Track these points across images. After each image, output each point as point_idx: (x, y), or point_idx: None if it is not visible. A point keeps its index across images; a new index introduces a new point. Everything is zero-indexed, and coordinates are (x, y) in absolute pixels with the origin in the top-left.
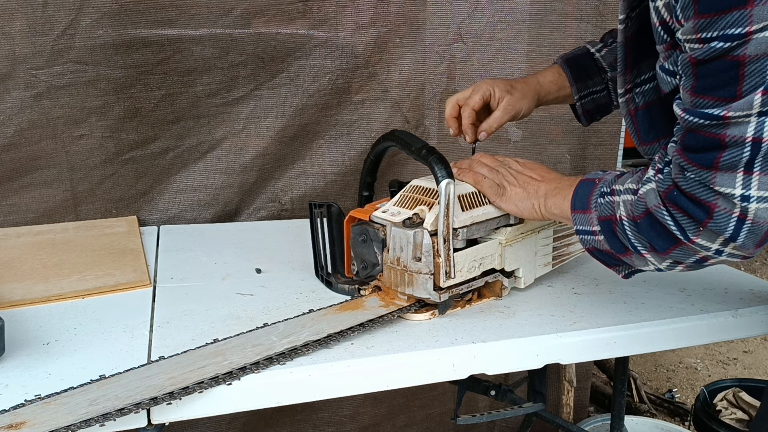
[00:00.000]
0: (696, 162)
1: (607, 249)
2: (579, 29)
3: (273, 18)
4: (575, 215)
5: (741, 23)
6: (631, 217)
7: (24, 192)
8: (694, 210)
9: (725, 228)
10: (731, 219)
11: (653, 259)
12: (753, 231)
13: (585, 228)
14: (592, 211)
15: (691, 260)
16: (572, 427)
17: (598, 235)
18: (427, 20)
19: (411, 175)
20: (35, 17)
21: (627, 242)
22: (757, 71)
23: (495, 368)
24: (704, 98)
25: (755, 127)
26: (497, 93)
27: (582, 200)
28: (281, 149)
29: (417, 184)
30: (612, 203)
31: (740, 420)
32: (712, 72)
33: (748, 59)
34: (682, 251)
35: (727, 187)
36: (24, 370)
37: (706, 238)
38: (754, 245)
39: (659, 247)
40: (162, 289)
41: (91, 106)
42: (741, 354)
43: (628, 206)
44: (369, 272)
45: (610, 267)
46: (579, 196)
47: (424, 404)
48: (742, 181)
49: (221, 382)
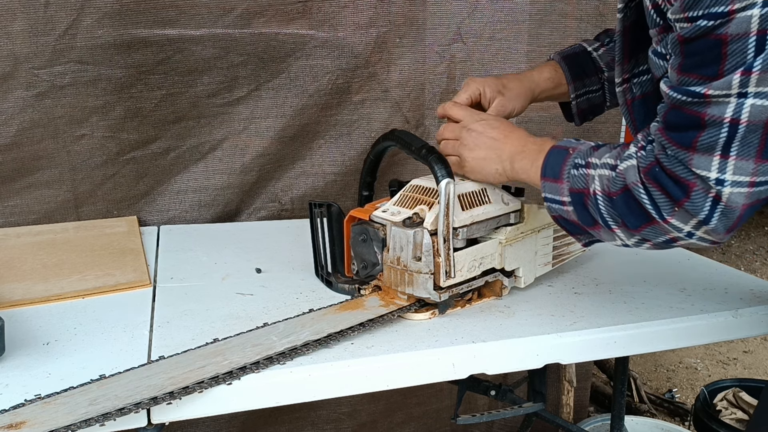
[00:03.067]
0: (676, 141)
1: (574, 220)
2: (579, 29)
3: (273, 18)
4: (545, 182)
5: (724, 2)
6: (607, 193)
7: (25, 193)
8: (673, 188)
9: (700, 209)
10: (707, 200)
11: (622, 234)
12: (726, 214)
13: (554, 197)
14: (564, 181)
15: (661, 240)
16: (572, 427)
17: (567, 206)
18: (427, 20)
19: (411, 175)
20: (36, 17)
21: (598, 216)
22: (739, 51)
23: (495, 368)
24: (689, 76)
25: (734, 108)
26: (488, 93)
27: (554, 168)
28: (281, 149)
29: (417, 184)
30: (586, 176)
31: (740, 420)
32: (697, 50)
33: (730, 38)
34: (654, 230)
35: (703, 169)
36: (24, 370)
37: (680, 218)
38: (725, 230)
39: (631, 224)
40: (162, 289)
41: (92, 106)
42: (741, 354)
43: (605, 181)
44: (369, 272)
45: (572, 235)
46: (550, 163)
47: (421, 401)
48: (718, 164)
49: (221, 382)
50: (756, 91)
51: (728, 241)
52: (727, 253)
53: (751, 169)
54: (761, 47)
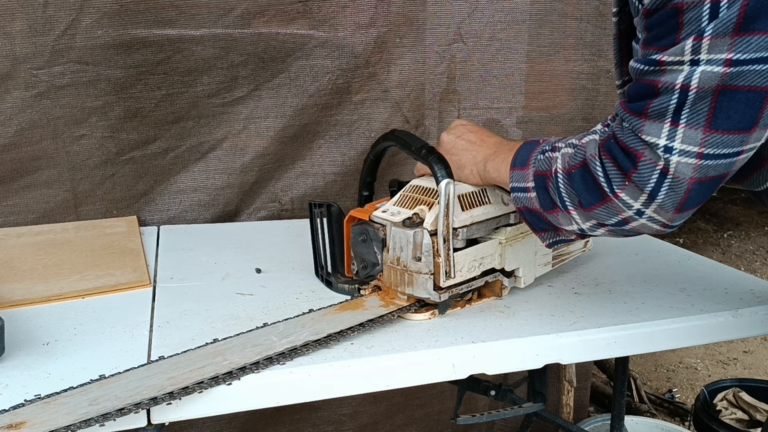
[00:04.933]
0: (631, 110)
1: (536, 208)
2: (579, 29)
3: (273, 18)
4: (513, 172)
5: None
6: (566, 170)
7: (24, 192)
8: (623, 160)
9: (648, 180)
10: (654, 171)
11: (578, 216)
12: (673, 188)
13: (520, 185)
14: (530, 167)
15: (613, 220)
16: (572, 427)
17: (531, 191)
18: (427, 20)
19: (411, 175)
20: (36, 17)
21: (557, 197)
22: (695, 19)
23: (495, 368)
24: (650, 49)
25: (686, 75)
26: None
27: (522, 158)
28: (281, 149)
29: (417, 184)
30: (551, 159)
31: (740, 420)
32: (657, 22)
33: (686, 6)
34: (606, 209)
35: (653, 136)
36: (24, 370)
37: (630, 193)
38: (674, 207)
39: (585, 202)
40: (162, 289)
41: (91, 106)
42: (741, 354)
43: (566, 159)
44: (369, 272)
45: (537, 232)
46: (520, 154)
47: (422, 403)
48: (668, 131)
49: (221, 382)
50: (707, 58)
51: (728, 242)
52: (727, 253)
53: (699, 139)
54: (714, 14)
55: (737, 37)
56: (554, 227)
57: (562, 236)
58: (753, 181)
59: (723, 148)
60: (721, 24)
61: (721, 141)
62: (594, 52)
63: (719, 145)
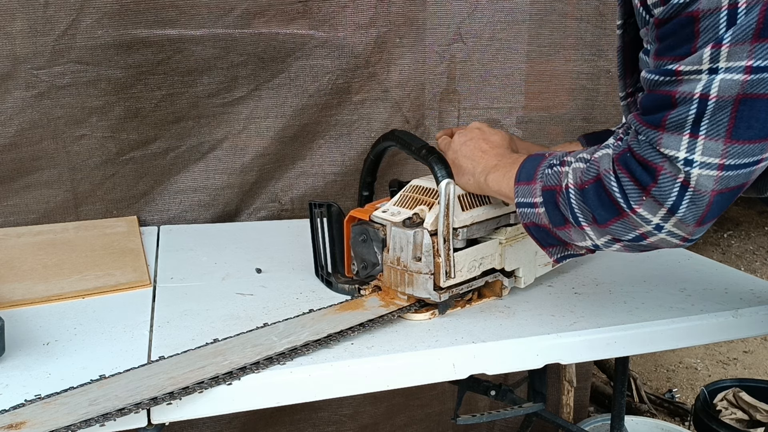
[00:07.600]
0: (647, 122)
1: (545, 224)
2: (579, 29)
3: (273, 18)
4: (518, 187)
5: None
6: (579, 185)
7: (25, 192)
8: (641, 174)
9: (668, 195)
10: (675, 185)
11: (592, 232)
12: (694, 201)
13: (526, 200)
14: (537, 182)
15: (630, 236)
16: (572, 427)
17: (539, 207)
18: (427, 20)
19: (411, 175)
20: (36, 17)
21: (569, 213)
22: (711, 27)
23: (495, 368)
24: (664, 59)
25: (704, 84)
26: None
27: (528, 172)
28: (281, 149)
29: (417, 184)
30: (560, 173)
31: (740, 420)
32: (671, 32)
33: (701, 14)
34: (623, 224)
35: (672, 149)
36: (24, 370)
37: (648, 208)
38: (695, 220)
39: (600, 218)
40: (162, 289)
41: (91, 106)
42: (741, 354)
43: (578, 173)
44: (369, 272)
45: (544, 248)
46: (525, 168)
47: (423, 403)
48: (687, 144)
49: (221, 382)
50: (726, 66)
51: (728, 242)
52: (727, 253)
53: (720, 150)
54: (732, 20)
55: (757, 44)
56: (563, 242)
57: (571, 251)
58: (762, 187)
59: (744, 158)
60: (740, 30)
61: (742, 151)
62: (594, 52)
63: (740, 156)
